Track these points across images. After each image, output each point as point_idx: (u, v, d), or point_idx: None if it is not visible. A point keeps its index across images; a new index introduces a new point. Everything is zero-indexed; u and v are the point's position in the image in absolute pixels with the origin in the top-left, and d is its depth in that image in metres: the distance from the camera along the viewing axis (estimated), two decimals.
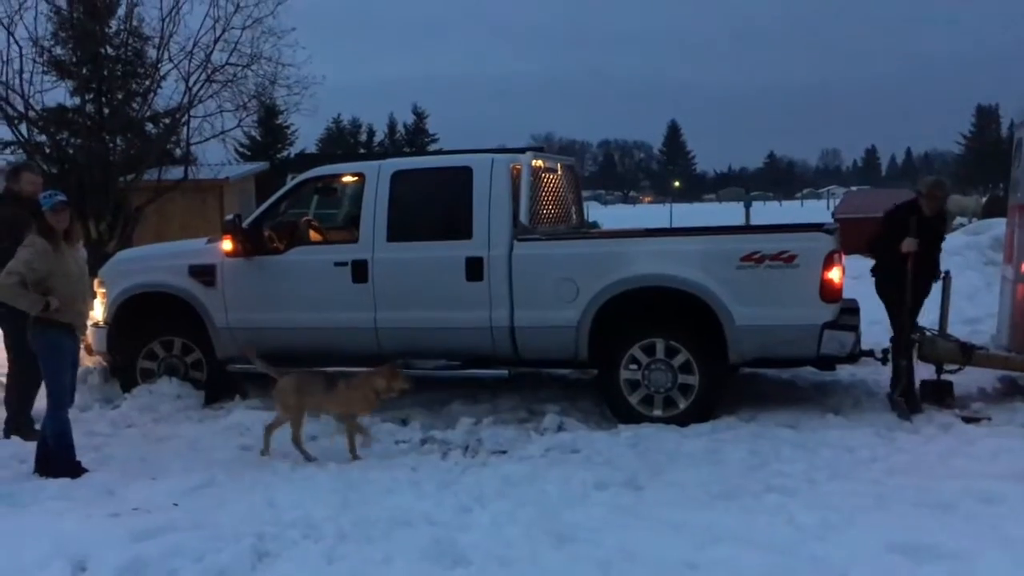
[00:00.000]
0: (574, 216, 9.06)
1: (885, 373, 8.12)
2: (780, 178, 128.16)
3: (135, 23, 16.49)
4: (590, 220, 11.87)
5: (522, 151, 8.18)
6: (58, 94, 16.75)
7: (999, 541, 4.46)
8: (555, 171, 8.50)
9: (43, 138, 16.24)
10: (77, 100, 16.86)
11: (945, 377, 7.48)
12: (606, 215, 39.56)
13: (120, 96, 17.05)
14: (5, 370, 7.34)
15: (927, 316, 7.72)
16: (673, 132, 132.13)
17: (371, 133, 73.17)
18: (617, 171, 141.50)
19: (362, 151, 61.33)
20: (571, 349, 7.29)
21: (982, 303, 10.47)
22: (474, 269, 7.37)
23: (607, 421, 7.19)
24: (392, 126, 74.70)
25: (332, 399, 6.52)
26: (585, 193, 11.19)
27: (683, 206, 65.31)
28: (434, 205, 7.75)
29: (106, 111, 16.68)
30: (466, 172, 7.58)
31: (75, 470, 6.04)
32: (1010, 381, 7.86)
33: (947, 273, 7.88)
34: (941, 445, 6.22)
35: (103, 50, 16.55)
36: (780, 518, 4.90)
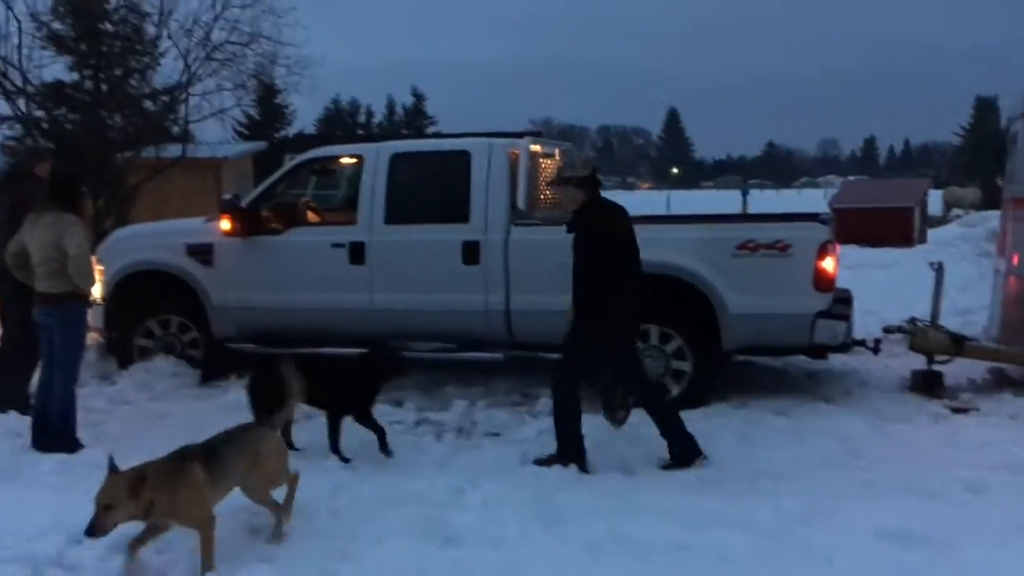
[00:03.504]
0: None
1: (877, 363, 8.21)
2: (778, 167, 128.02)
3: None
4: None
5: (520, 136, 8.18)
6: (56, 69, 16.73)
7: (984, 529, 4.52)
8: (553, 156, 8.52)
9: (40, 113, 16.21)
10: (75, 75, 16.84)
11: (936, 368, 7.55)
12: None
13: (118, 72, 16.98)
14: None
15: (919, 308, 7.75)
16: (672, 119, 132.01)
17: (370, 114, 73.11)
18: (615, 157, 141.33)
19: (360, 132, 61.21)
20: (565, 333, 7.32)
21: (976, 294, 10.53)
22: (471, 253, 7.40)
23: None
24: (391, 108, 74.64)
25: None
26: None
27: (681, 193, 65.22)
28: (432, 188, 7.77)
29: (104, 87, 16.63)
30: (464, 156, 7.60)
31: (73, 445, 6.10)
32: (999, 372, 7.93)
33: (940, 264, 7.96)
34: (930, 434, 6.30)
35: (102, 26, 16.49)
36: (769, 503, 4.96)
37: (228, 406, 7.32)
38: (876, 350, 7.65)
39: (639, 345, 7.09)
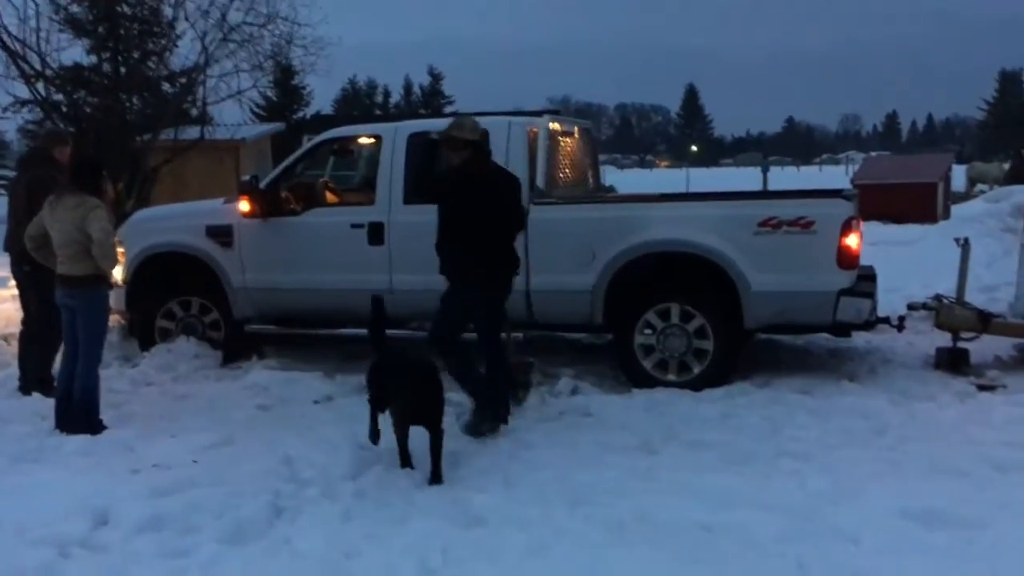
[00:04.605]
0: (591, 180, 9.02)
1: (901, 340, 8.13)
2: (799, 143, 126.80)
3: None
4: (606, 184, 11.81)
5: (539, 114, 8.12)
6: (75, 52, 16.75)
7: (1012, 508, 4.48)
8: (572, 134, 8.45)
9: (60, 97, 16.23)
10: (94, 59, 16.87)
11: (961, 345, 7.46)
12: (622, 179, 39.35)
13: (136, 55, 17.00)
14: (16, 330, 7.51)
15: (943, 284, 7.64)
16: (691, 96, 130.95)
17: (387, 94, 73.22)
18: (634, 135, 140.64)
19: (378, 112, 61.16)
20: (586, 313, 7.29)
21: (1001, 270, 10.39)
22: None
23: (621, 385, 7.22)
24: (408, 88, 74.60)
25: None
26: (601, 157, 11.15)
27: (700, 171, 64.74)
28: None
29: (122, 70, 16.67)
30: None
31: (96, 427, 6.14)
32: None
33: (966, 240, 7.85)
34: (956, 413, 6.22)
35: (119, 8, 16.49)
36: (793, 483, 4.93)
37: (249, 387, 7.38)
38: (900, 327, 7.56)
39: (655, 322, 7.08)
